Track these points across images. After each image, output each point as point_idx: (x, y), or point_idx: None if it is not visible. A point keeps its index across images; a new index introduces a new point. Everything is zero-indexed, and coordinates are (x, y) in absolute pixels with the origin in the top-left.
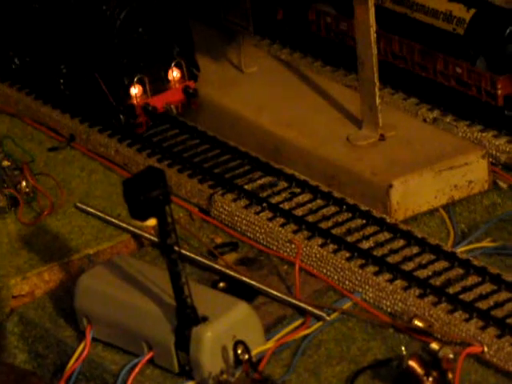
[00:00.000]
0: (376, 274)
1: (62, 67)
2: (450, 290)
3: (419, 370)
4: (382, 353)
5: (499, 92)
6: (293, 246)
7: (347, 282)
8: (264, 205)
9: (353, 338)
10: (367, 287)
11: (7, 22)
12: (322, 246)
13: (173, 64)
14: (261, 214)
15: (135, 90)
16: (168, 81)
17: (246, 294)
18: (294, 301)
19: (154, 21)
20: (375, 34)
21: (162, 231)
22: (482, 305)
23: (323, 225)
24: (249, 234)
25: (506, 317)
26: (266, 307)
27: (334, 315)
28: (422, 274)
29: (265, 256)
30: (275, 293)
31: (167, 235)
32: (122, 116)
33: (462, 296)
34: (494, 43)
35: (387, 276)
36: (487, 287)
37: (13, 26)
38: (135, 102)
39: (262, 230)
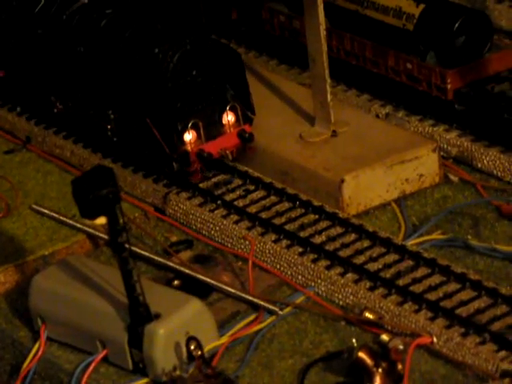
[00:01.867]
0: (328, 268)
1: (110, 112)
2: (400, 282)
3: (369, 361)
4: (334, 345)
5: (449, 86)
6: (247, 242)
7: (300, 277)
8: (218, 202)
9: (305, 331)
10: (319, 281)
11: (50, 64)
12: (275, 241)
13: (228, 107)
14: (215, 212)
15: (189, 136)
16: (222, 125)
17: (200, 290)
18: (247, 296)
19: (207, 62)
20: (325, 32)
21: (113, 230)
22: (432, 296)
23: (276, 221)
24: (204, 232)
25: (455, 307)
26: (220, 303)
27: (287, 309)
28: (373, 266)
29: (219, 253)
30: (229, 289)
31: (118, 234)
32: (175, 163)
33: (411, 288)
34: (442, 38)
35: (339, 270)
36: (436, 279)
37: (55, 68)
38: (189, 148)
39: (217, 228)
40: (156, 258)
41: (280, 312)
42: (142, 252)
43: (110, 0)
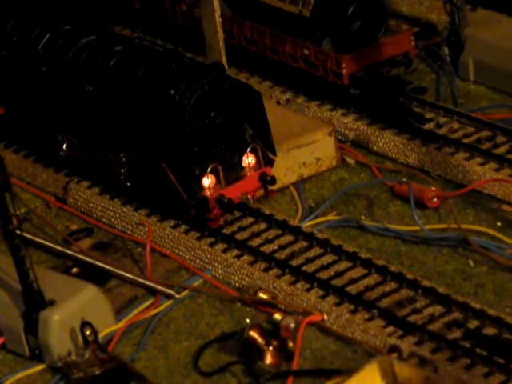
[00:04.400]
0: (224, 251)
1: (122, 155)
2: (294, 263)
3: (259, 339)
4: (229, 326)
5: (344, 71)
6: (146, 229)
7: (198, 261)
8: (118, 190)
9: (201, 313)
10: (216, 264)
11: (54, 104)
12: (173, 227)
13: (248, 149)
14: (115, 200)
15: (208, 181)
16: (242, 168)
17: (98, 277)
18: (144, 281)
19: (226, 103)
20: (220, 19)
21: (3, 217)
22: (323, 275)
23: None
24: (104, 220)
25: (345, 285)
26: (118, 289)
27: (184, 293)
28: (268, 248)
29: (120, 240)
30: (126, 275)
31: (8, 221)
32: (192, 210)
33: (304, 268)
34: (337, 23)
35: (235, 252)
36: (329, 258)
37: (61, 109)
38: (208, 194)
39: (117, 215)
40: (55, 246)
41: (177, 296)
42: (41, 241)
43: (120, 36)
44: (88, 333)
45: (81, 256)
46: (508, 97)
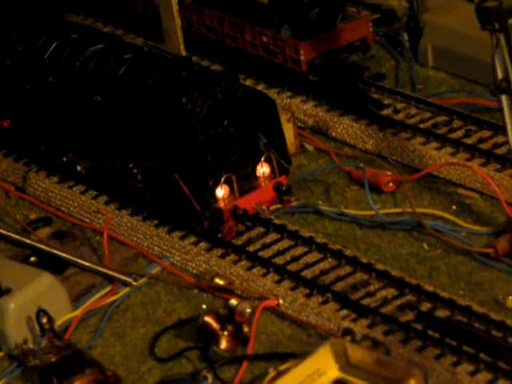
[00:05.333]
0: (182, 238)
1: (131, 166)
2: (250, 248)
3: (215, 324)
4: (186, 313)
5: (302, 58)
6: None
7: (156, 248)
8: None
9: (159, 300)
10: (174, 251)
11: (62, 115)
12: (131, 215)
13: (262, 158)
14: (74, 188)
15: (222, 192)
16: (256, 178)
17: (56, 266)
18: (102, 269)
19: (239, 111)
20: (177, 6)
21: None
22: (279, 260)
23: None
24: (63, 209)
25: (301, 270)
26: (76, 277)
27: (142, 280)
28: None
29: (78, 229)
30: (84, 263)
31: None
32: (205, 222)
33: (260, 253)
34: (295, 10)
35: (193, 239)
36: (285, 243)
37: (68, 119)
38: (222, 205)
39: (76, 204)
40: (13, 235)
41: (134, 283)
42: (0, 230)
43: (129, 44)
44: (44, 321)
45: (39, 245)
46: (466, 82)
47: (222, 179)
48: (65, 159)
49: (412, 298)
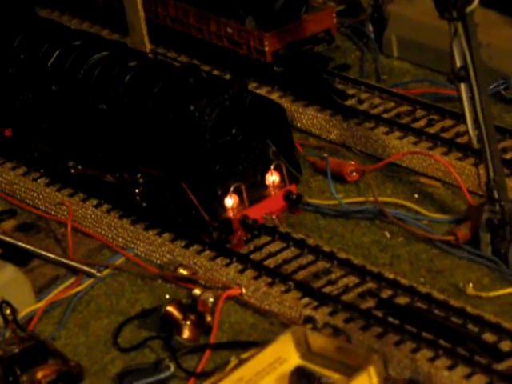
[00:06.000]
0: (146, 229)
1: (138, 176)
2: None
3: (177, 314)
4: (150, 303)
5: (267, 49)
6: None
7: (120, 239)
8: (41, 171)
9: (123, 291)
10: (138, 242)
11: (66, 123)
12: (96, 206)
13: (272, 167)
14: (38, 181)
15: (231, 201)
16: (266, 187)
17: (21, 258)
18: (66, 261)
19: (248, 118)
20: None
21: None
22: (242, 249)
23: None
24: (28, 201)
25: (264, 259)
26: (40, 269)
27: (106, 271)
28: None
29: (43, 221)
30: (48, 254)
31: None
32: (214, 232)
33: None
34: (259, 1)
35: (156, 230)
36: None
37: (72, 127)
38: (231, 214)
39: (40, 196)
40: None
41: (98, 274)
42: None
43: (133, 51)
44: (7, 312)
45: (3, 237)
46: (430, 72)
47: (231, 188)
48: (73, 171)
49: (373, 285)
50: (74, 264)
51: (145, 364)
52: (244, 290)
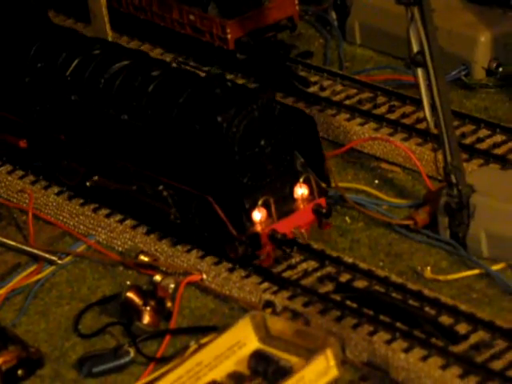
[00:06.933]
0: (107, 216)
1: (161, 188)
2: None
3: (137, 300)
4: (111, 290)
5: (229, 36)
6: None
7: (82, 227)
8: (4, 159)
9: (84, 278)
10: (100, 229)
11: (86, 135)
12: (57, 194)
13: (301, 179)
14: (0, 169)
15: (259, 215)
16: (294, 200)
17: None
18: (27, 248)
19: (277, 130)
20: None
21: None
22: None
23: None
24: None
25: None
26: (1, 257)
27: (68, 259)
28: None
29: (5, 209)
30: (9, 242)
31: None
32: (240, 247)
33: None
34: None
35: (118, 217)
36: None
37: (94, 141)
38: (259, 229)
39: (2, 184)
40: None
41: (59, 261)
42: None
43: (156, 60)
44: None
45: None
46: (392, 59)
47: (260, 202)
48: (88, 184)
49: (332, 269)
50: (35, 251)
51: (105, 350)
52: (205, 276)
